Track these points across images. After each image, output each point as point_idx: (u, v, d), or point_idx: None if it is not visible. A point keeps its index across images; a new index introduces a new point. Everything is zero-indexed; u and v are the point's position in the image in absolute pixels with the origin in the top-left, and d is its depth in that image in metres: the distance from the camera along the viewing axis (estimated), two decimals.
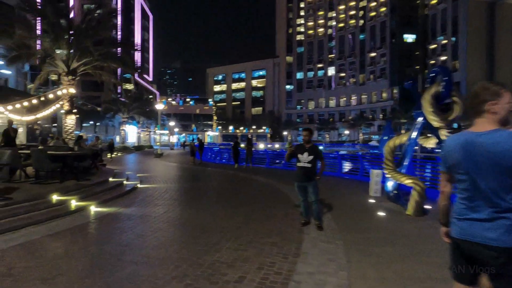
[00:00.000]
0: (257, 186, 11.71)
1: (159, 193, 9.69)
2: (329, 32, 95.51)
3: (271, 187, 11.44)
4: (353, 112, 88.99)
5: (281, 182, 12.66)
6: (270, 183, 12.51)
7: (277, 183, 12.28)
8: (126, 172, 14.46)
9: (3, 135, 9.72)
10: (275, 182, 12.60)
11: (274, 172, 17.13)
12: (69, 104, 17.24)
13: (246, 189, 11.08)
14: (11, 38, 15.25)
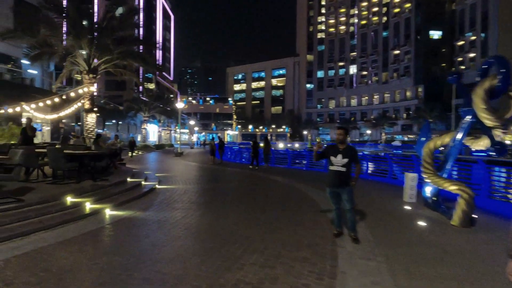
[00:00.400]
0: (279, 188, 11.06)
1: (177, 195, 9.21)
2: (351, 29, 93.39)
3: (294, 189, 10.77)
4: (375, 111, 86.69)
5: (304, 184, 11.98)
6: (293, 185, 11.84)
7: (301, 185, 11.60)
8: (145, 171, 14.13)
9: (21, 133, 9.47)
10: (298, 184, 11.92)
11: (296, 173, 16.43)
12: (89, 103, 17.14)
13: (267, 191, 10.46)
14: (34, 37, 15.25)
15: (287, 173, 16.25)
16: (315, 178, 14.14)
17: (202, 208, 7.61)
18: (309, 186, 11.38)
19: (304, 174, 16.24)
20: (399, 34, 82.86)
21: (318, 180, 13.50)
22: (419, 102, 76.58)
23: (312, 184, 12.03)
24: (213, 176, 14.73)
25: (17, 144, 9.43)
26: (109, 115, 43.79)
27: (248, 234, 5.55)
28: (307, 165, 19.28)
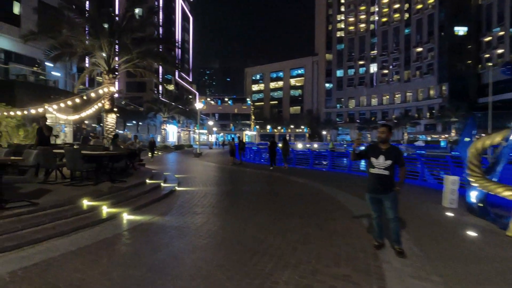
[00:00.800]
0: (303, 191, 10.42)
1: (198, 198, 8.73)
2: (371, 27, 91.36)
3: (320, 192, 10.10)
4: (397, 110, 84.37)
5: (330, 186, 11.29)
6: (318, 187, 11.17)
7: (326, 188, 10.92)
8: (164, 172, 13.78)
9: (37, 134, 9.22)
10: (324, 186, 11.24)
11: (318, 175, 15.72)
12: (109, 103, 17.00)
13: (292, 194, 9.84)
14: (55, 39, 15.21)
15: (309, 175, 15.57)
16: (340, 180, 13.41)
17: (224, 213, 7.08)
18: (335, 189, 10.69)
19: (328, 175, 15.51)
20: (422, 31, 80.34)
21: (344, 182, 12.76)
22: (443, 101, 74.00)
23: (338, 186, 11.33)
24: (233, 178, 14.22)
25: (34, 144, 9.17)
26: (129, 116, 44.16)
27: (277, 244, 4.96)
28: (329, 166, 18.52)
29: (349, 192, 10.04)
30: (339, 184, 11.93)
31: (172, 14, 72.46)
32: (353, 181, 13.19)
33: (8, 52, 26.94)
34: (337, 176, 15.13)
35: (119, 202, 7.20)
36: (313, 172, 17.07)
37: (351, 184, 12.33)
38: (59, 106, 22.19)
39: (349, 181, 13.11)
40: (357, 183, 12.52)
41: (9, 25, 25.48)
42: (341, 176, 15.12)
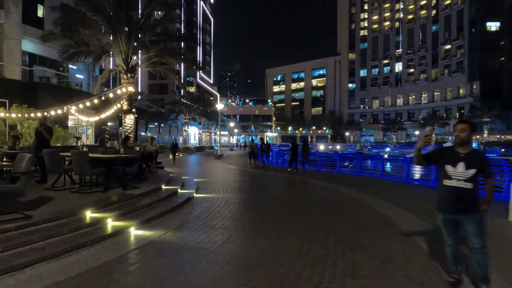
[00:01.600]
0: (335, 199, 9.19)
1: (217, 207, 7.69)
2: (396, 25, 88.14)
3: (355, 201, 8.84)
4: (423, 111, 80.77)
5: (364, 193, 9.98)
6: (350, 194, 9.88)
7: (360, 195, 9.63)
8: (183, 176, 12.87)
9: (35, 136, 8.32)
10: (356, 193, 9.95)
11: (347, 179, 14.37)
12: (127, 103, 16.33)
13: (323, 203, 8.64)
14: (71, 38, 14.68)
15: (337, 179, 14.26)
16: (374, 186, 12.05)
17: (247, 228, 5.98)
18: (371, 197, 9.39)
19: (358, 180, 14.14)
20: (451, 28, 76.66)
21: (379, 188, 11.39)
22: (474, 100, 70.14)
23: (374, 193, 10.01)
24: (255, 182, 13.12)
25: (30, 148, 8.28)
26: (151, 118, 44.08)
27: (319, 277, 3.80)
28: (358, 170, 17.10)
29: (390, 201, 8.72)
30: (374, 191, 10.60)
31: (194, 16, 72.49)
32: (390, 188, 11.80)
33: (33, 55, 27.09)
34: (369, 181, 13.74)
35: (128, 213, 6.26)
36: (341, 176, 15.73)
37: (388, 191, 10.97)
38: (80, 108, 21.85)
39: (384, 188, 11.73)
40: (395, 190, 11.13)
41: (33, 28, 25.52)
42: (374, 181, 13.72)
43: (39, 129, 8.04)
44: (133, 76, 16.34)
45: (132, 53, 15.75)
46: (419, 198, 9.42)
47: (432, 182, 12.53)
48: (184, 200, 8.15)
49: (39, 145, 7.93)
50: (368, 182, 13.54)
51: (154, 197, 7.82)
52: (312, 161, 21.72)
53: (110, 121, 33.32)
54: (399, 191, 11.02)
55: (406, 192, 10.73)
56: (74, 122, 27.02)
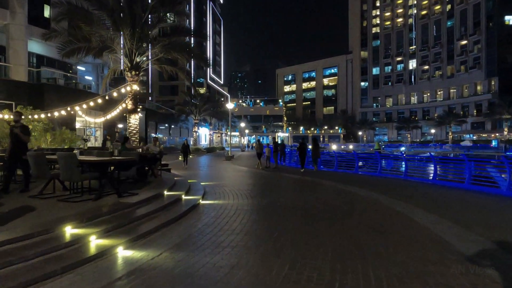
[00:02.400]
0: (359, 205, 7.98)
1: (226, 218, 6.58)
2: (409, 21, 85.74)
3: (383, 207, 7.61)
4: (439, 108, 78.23)
5: (391, 197, 8.73)
6: (377, 199, 8.65)
7: (387, 200, 8.38)
8: (189, 179, 11.83)
9: (10, 137, 6.95)
10: (383, 197, 8.71)
11: (368, 181, 13.11)
12: (132, 102, 15.44)
13: (346, 209, 7.45)
14: (72, 35, 13.85)
15: (357, 181, 13.00)
16: (399, 189, 10.77)
17: (261, 246, 4.83)
18: (401, 202, 8.15)
19: (380, 182, 12.86)
20: (467, 22, 73.97)
21: (406, 192, 10.11)
22: (492, 96, 67.42)
23: (402, 198, 8.76)
24: (267, 186, 11.98)
25: (6, 152, 6.98)
26: (162, 119, 43.44)
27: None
28: (379, 171, 15.79)
29: (422, 207, 7.47)
30: (401, 194, 9.35)
31: (203, 17, 71.84)
32: (417, 190, 10.50)
33: (40, 56, 26.61)
34: (393, 184, 12.44)
35: (118, 227, 5.20)
36: (360, 178, 14.46)
37: (416, 194, 9.69)
38: (85, 108, 21.09)
39: (411, 191, 10.44)
40: (424, 193, 9.84)
41: (39, 28, 24.99)
42: (397, 184, 12.42)
43: (14, 130, 6.80)
44: (138, 74, 15.44)
45: (137, 49, 14.85)
46: (463, 207, 8.11)
47: (465, 185, 11.18)
48: (188, 209, 7.07)
49: (15, 148, 6.84)
50: (393, 184, 12.24)
51: (153, 205, 6.76)
52: (328, 162, 20.47)
53: (120, 122, 32.70)
54: (427, 193, 9.72)
55: (441, 197, 9.42)
56: (82, 124, 26.39)
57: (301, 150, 17.23)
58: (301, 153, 17.21)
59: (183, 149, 20.69)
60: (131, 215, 5.85)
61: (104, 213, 5.60)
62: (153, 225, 5.62)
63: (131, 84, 15.34)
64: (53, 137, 19.92)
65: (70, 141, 21.12)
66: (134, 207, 6.30)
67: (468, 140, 63.77)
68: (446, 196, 9.46)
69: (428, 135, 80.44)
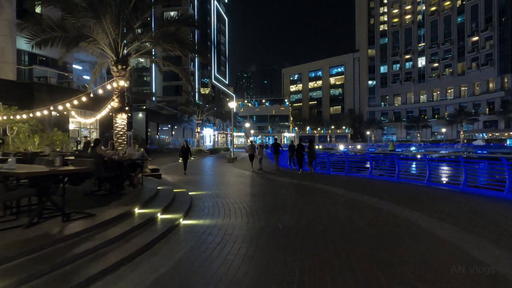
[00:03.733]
0: (388, 227, 6.03)
1: (209, 250, 4.70)
2: (418, 18, 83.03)
3: (422, 232, 5.65)
4: (449, 107, 75.47)
5: (421, 212, 6.75)
6: (403, 215, 6.67)
7: (426, 221, 6.39)
8: (177, 188, 10.01)
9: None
10: (417, 217, 6.72)
11: (386, 188, 11.12)
12: (119, 100, 13.65)
13: (375, 231, 5.53)
14: (40, 25, 12.12)
15: (373, 188, 11.04)
16: (426, 200, 8.76)
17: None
18: (444, 224, 6.17)
19: (400, 190, 10.86)
20: (478, 18, 71.15)
21: (437, 204, 8.09)
22: (506, 94, 64.56)
23: (437, 214, 6.79)
24: (270, 195, 10.05)
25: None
26: (164, 120, 41.83)
27: None
28: (397, 175, 13.77)
29: (478, 234, 5.50)
30: (435, 210, 7.37)
31: (207, 16, 70.17)
32: (451, 202, 8.49)
33: (33, 54, 25.10)
34: (416, 192, 10.44)
35: (27, 281, 3.36)
36: (376, 184, 12.47)
37: (452, 209, 7.69)
38: (76, 108, 19.40)
39: (445, 204, 8.43)
40: (462, 206, 7.84)
41: (31, 24, 23.43)
42: (422, 193, 10.40)
43: None
44: (125, 68, 13.65)
45: (122, 40, 13.06)
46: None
47: (505, 193, 9.15)
48: (159, 235, 5.21)
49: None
50: (417, 193, 10.24)
51: (109, 233, 4.91)
52: (337, 164, 18.51)
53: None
54: (477, 211, 7.69)
55: (495, 215, 7.41)
56: (77, 125, 24.80)
57: (290, 150, 16.92)
58: (290, 154, 16.92)
59: (182, 152, 16.66)
60: (64, 254, 3.99)
61: (17, 254, 3.75)
62: (93, 270, 3.76)
63: (118, 80, 13.55)
64: (41, 139, 18.36)
65: (61, 143, 19.46)
66: (74, 239, 4.44)
67: (481, 139, 61.01)
68: (499, 213, 7.45)
69: (438, 135, 77.67)
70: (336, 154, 24.77)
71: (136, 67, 63.76)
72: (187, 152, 16.84)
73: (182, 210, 6.98)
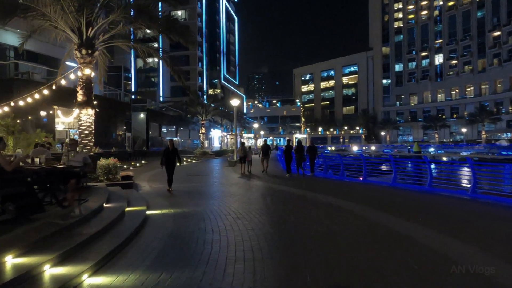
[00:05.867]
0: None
1: None
2: (434, 14, 78.56)
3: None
4: (469, 106, 70.78)
5: (484, 250, 3.79)
6: (462, 255, 3.74)
7: (487, 260, 3.47)
8: (135, 205, 7.27)
9: None
10: (475, 254, 3.77)
11: (423, 206, 8.09)
12: (84, 92, 11.06)
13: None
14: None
15: (406, 205, 8.05)
16: (483, 225, 5.69)
17: None
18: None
19: (444, 209, 7.81)
20: (500, 12, 66.43)
21: (499, 232, 5.04)
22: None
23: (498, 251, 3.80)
24: (271, 218, 7.15)
25: None
26: (168, 121, 39.50)
27: None
28: (429, 184, 10.69)
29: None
30: (491, 238, 4.39)
31: (216, 15, 67.85)
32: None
33: (26, 51, 23.05)
34: (464, 212, 7.38)
35: None
36: (405, 197, 9.46)
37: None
38: (57, 108, 17.15)
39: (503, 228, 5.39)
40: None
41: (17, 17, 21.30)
42: (473, 213, 7.34)
43: None
44: (91, 53, 11.05)
45: (88, 17, 10.46)
46: None
47: None
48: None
49: None
50: (465, 215, 7.19)
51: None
52: (351, 167, 15.51)
53: (123, 123, 28.86)
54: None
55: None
56: (65, 125, 22.53)
57: (286, 152, 15.71)
58: (286, 156, 15.70)
59: (166, 156, 10.50)
60: None
61: None
62: None
63: (82, 68, 10.99)
64: (16, 141, 16.05)
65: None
66: None
67: (504, 139, 56.44)
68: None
69: (457, 135, 73.03)
70: (350, 156, 21.74)
71: (144, 68, 61.95)
72: (172, 156, 10.53)
73: (101, 253, 4.18)
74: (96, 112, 11.44)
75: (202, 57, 62.57)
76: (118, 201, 7.36)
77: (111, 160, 10.99)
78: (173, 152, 10.53)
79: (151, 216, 6.66)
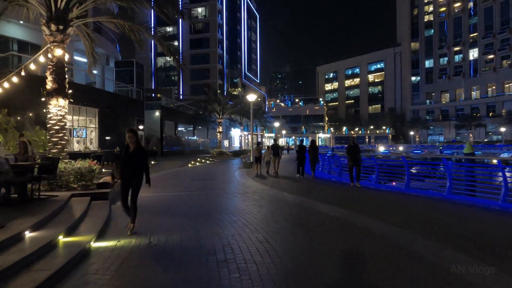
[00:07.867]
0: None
1: None
2: (469, 5, 72.45)
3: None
4: (507, 103, 64.51)
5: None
6: None
7: None
8: (89, 234, 4.76)
9: None
10: None
11: (483, 222, 5.05)
12: (53, 78, 8.74)
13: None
14: None
15: (488, 239, 5.06)
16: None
17: None
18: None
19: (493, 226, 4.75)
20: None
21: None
22: None
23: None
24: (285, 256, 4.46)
25: None
26: (185, 119, 37.52)
27: None
28: (504, 197, 7.55)
29: None
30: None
31: (238, 12, 65.55)
32: None
33: (23, 43, 21.55)
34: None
35: None
36: (480, 221, 6.42)
37: None
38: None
39: None
40: None
41: (18, 6, 19.71)
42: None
43: None
44: (63, 30, 8.74)
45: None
46: None
47: None
48: None
49: None
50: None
51: None
52: (384, 171, 12.44)
53: (134, 121, 27.01)
54: None
55: None
56: (70, 123, 20.74)
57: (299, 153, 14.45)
58: (298, 156, 14.48)
59: (123, 162, 5.11)
60: None
61: None
62: None
63: (52, 48, 8.69)
64: (5, 138, 14.27)
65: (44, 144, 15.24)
66: None
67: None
68: None
69: (494, 135, 66.84)
70: (383, 159, 18.52)
71: (164, 66, 60.66)
72: (134, 163, 5.05)
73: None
74: (101, 109, 9.31)
75: (222, 55, 60.50)
76: (59, 223, 4.90)
77: (86, 163, 8.63)
78: (137, 155, 5.06)
79: (95, 252, 4.13)
